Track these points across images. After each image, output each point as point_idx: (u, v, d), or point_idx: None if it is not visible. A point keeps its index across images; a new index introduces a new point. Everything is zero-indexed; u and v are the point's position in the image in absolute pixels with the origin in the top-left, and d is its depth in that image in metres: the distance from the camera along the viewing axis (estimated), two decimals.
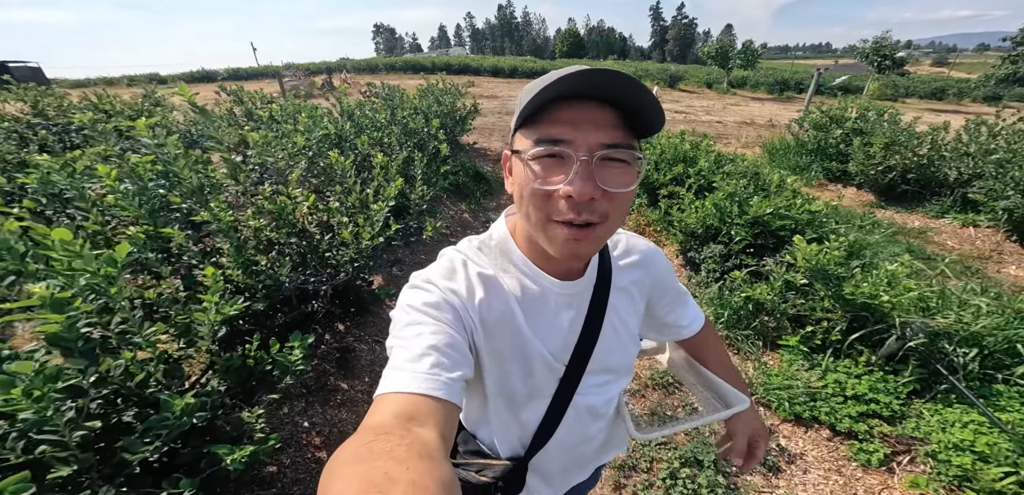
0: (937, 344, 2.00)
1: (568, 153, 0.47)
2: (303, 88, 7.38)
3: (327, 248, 2.17)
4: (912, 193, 4.88)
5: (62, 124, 3.98)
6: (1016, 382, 1.81)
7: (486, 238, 0.63)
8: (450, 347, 0.49)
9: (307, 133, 2.45)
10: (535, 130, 0.49)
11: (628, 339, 0.68)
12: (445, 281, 0.56)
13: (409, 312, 0.52)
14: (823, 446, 2.00)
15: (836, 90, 17.96)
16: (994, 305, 2.03)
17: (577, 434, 0.68)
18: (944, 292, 2.24)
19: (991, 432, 1.72)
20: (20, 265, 1.00)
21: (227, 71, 32.50)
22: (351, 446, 0.36)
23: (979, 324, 1.89)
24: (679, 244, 3.45)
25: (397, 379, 0.44)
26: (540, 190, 0.48)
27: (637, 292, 0.69)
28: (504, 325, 0.58)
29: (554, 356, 0.61)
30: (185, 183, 1.65)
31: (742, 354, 2.51)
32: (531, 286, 0.59)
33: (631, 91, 0.45)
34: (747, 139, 9.60)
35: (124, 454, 0.99)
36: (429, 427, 0.41)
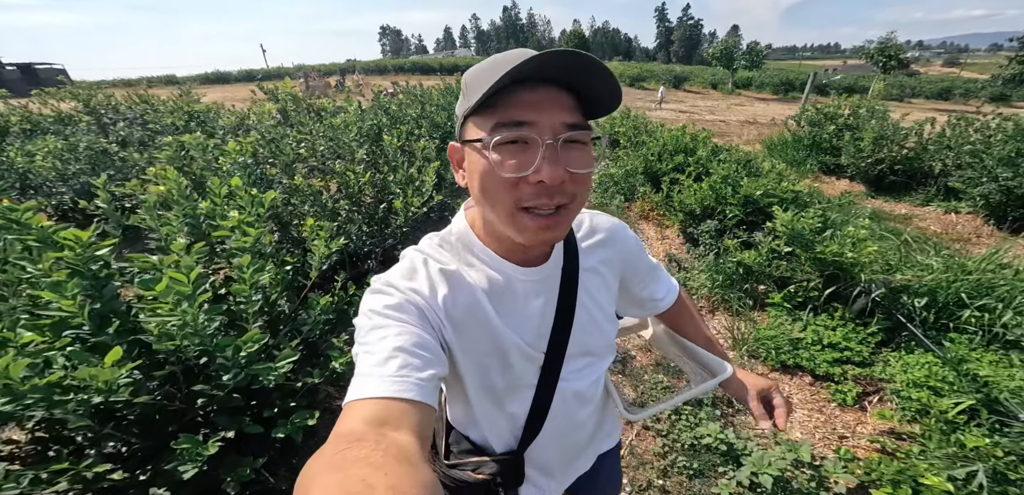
0: (898, 299, 2.38)
1: (532, 137, 0.45)
2: (317, 91, 7.87)
3: (382, 216, 2.60)
4: (900, 184, 5.24)
5: (129, 119, 4.46)
6: (963, 328, 2.18)
7: (446, 233, 0.62)
8: (418, 347, 0.47)
9: (360, 122, 2.88)
10: (492, 116, 0.47)
11: (604, 319, 0.67)
12: (406, 281, 0.54)
13: (371, 317, 0.50)
14: (806, 390, 2.38)
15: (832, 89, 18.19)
16: (943, 264, 2.40)
17: (567, 421, 0.67)
18: (906, 253, 2.62)
19: (943, 370, 2.09)
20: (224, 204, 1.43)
21: (241, 72, 33.30)
22: (324, 455, 0.35)
23: (929, 278, 2.27)
24: (680, 223, 3.86)
25: (365, 385, 0.43)
26: (506, 179, 0.46)
27: (607, 271, 0.68)
28: (473, 319, 0.56)
29: (530, 344, 0.60)
30: (282, 156, 2.08)
31: (736, 314, 2.90)
32: (496, 277, 0.58)
33: (592, 71, 0.45)
34: (748, 137, 9.95)
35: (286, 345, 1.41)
36: (403, 430, 0.39)
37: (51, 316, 1.12)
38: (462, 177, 0.55)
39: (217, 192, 1.56)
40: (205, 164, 1.92)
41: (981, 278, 2.19)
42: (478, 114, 0.48)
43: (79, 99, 5.82)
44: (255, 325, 1.32)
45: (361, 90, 5.63)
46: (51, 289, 1.06)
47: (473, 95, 0.47)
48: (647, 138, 5.52)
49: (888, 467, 1.59)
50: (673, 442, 1.99)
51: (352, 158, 2.47)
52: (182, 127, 3.66)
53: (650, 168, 4.84)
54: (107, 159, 3.46)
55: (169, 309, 1.03)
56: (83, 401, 1.04)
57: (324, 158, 2.55)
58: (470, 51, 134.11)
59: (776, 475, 1.70)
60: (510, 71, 0.42)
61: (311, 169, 2.64)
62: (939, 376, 1.97)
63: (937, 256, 2.59)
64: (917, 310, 2.24)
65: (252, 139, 2.05)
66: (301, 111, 2.98)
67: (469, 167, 0.52)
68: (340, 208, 2.46)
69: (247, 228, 1.31)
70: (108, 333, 1.16)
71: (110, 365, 0.99)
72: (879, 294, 2.34)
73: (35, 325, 1.10)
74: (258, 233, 1.31)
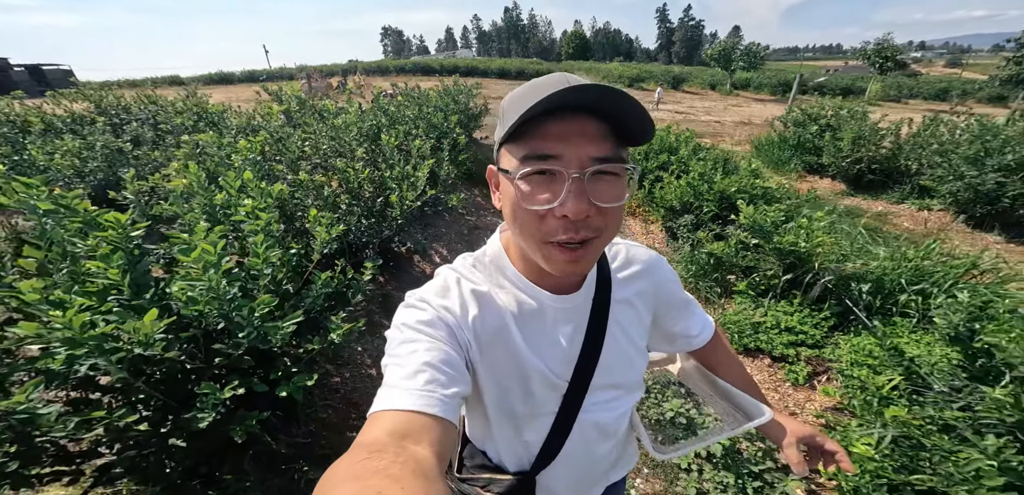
0: (848, 286, 2.59)
1: (559, 170, 0.45)
2: (319, 91, 8.14)
3: (379, 209, 2.83)
4: (877, 182, 5.45)
5: (141, 119, 4.70)
6: (904, 311, 2.39)
7: (480, 255, 0.63)
8: (445, 364, 0.48)
9: (360, 122, 3.12)
10: (522, 146, 0.47)
11: (634, 353, 0.66)
12: (439, 299, 0.56)
13: (403, 330, 0.51)
14: (765, 371, 2.60)
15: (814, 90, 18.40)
16: (889, 253, 2.61)
17: (585, 453, 0.66)
18: (861, 245, 2.84)
19: (879, 350, 2.29)
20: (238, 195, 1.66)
21: (244, 73, 33.64)
22: (344, 464, 0.35)
23: (875, 265, 2.49)
24: (661, 218, 4.08)
25: (391, 396, 0.44)
26: (532, 211, 0.47)
27: (641, 304, 0.66)
28: (500, 342, 0.57)
29: (555, 372, 0.59)
30: (288, 153, 2.31)
31: (706, 301, 3.13)
32: (527, 301, 0.58)
33: (620, 104, 0.44)
34: (740, 137, 10.16)
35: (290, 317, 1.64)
36: (424, 445, 0.40)
37: (97, 284, 1.35)
38: (498, 200, 0.55)
39: (231, 184, 1.80)
40: (219, 160, 2.15)
41: (919, 265, 2.40)
42: (511, 142, 0.49)
43: (91, 100, 6.08)
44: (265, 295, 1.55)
45: (362, 91, 5.85)
46: (101, 260, 1.29)
47: (507, 122, 0.48)
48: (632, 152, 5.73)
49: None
50: (641, 417, 2.20)
51: (352, 156, 2.71)
52: (191, 127, 3.90)
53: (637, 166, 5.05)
54: (122, 157, 3.70)
55: (199, 274, 1.26)
56: (123, 357, 1.27)
57: (326, 156, 2.79)
58: (471, 52, 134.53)
59: (726, 445, 1.90)
60: (537, 103, 0.43)
61: (314, 166, 2.88)
62: (876, 356, 2.19)
63: (885, 247, 2.80)
64: (862, 296, 2.46)
65: (261, 138, 2.28)
66: (305, 112, 3.22)
67: (503, 193, 0.53)
68: (341, 201, 2.70)
69: (259, 213, 1.54)
70: (144, 299, 1.40)
71: (149, 322, 1.22)
72: (830, 281, 2.56)
73: (85, 291, 1.33)
74: (268, 218, 1.54)
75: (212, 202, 1.80)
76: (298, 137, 2.33)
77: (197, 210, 1.71)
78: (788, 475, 1.79)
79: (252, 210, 1.54)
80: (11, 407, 1.13)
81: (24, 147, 3.78)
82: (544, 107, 0.44)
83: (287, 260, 1.90)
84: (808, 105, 7.27)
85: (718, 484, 1.78)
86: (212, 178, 2.34)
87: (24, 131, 4.36)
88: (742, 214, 2.88)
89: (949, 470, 1.27)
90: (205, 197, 1.81)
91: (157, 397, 1.45)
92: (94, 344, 1.19)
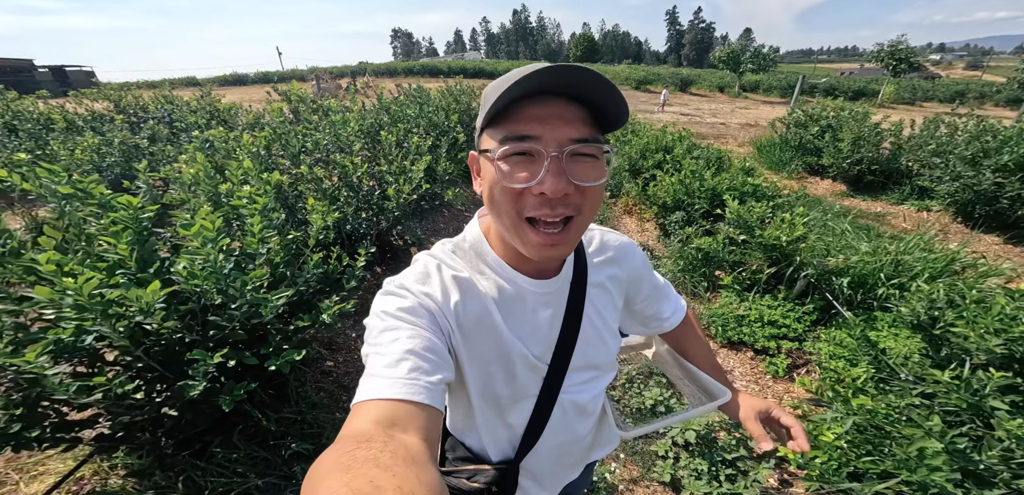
0: (831, 280, 2.64)
1: (537, 149, 0.47)
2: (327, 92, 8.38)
3: (377, 202, 2.96)
4: (877, 183, 5.43)
5: (157, 118, 4.94)
6: (883, 305, 2.43)
7: (460, 240, 0.63)
8: (429, 351, 0.48)
9: (362, 120, 3.26)
10: (502, 128, 0.48)
11: (609, 335, 0.68)
12: (419, 285, 0.55)
13: (384, 318, 0.51)
14: (747, 363, 2.65)
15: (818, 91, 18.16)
16: (871, 247, 2.64)
17: (566, 433, 0.68)
18: (846, 241, 2.87)
19: (853, 341, 2.32)
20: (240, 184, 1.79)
21: (257, 75, 34.40)
22: (331, 455, 0.35)
23: (855, 259, 2.52)
24: (654, 215, 4.14)
25: (375, 386, 0.43)
26: (510, 188, 0.48)
27: (614, 287, 0.69)
28: (482, 327, 0.58)
29: (535, 355, 0.61)
30: (289, 148, 2.45)
31: (693, 295, 3.18)
32: (507, 287, 0.59)
33: (597, 87, 0.45)
34: (745, 139, 10.12)
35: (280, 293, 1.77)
36: (412, 432, 0.40)
37: (108, 259, 1.48)
38: (479, 185, 0.56)
39: (234, 174, 1.93)
40: (226, 153, 2.30)
41: (899, 259, 2.43)
42: (491, 126, 0.50)
43: (111, 99, 6.38)
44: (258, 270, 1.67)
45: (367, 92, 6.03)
46: (112, 237, 1.43)
47: (487, 106, 0.49)
48: (632, 137, 5.81)
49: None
50: (624, 406, 2.24)
51: (351, 151, 2.84)
52: (204, 125, 4.10)
53: (634, 165, 5.13)
54: (138, 153, 3.91)
55: (198, 247, 1.38)
56: (126, 324, 1.39)
57: (327, 151, 2.92)
58: (479, 54, 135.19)
59: (700, 431, 1.96)
60: (512, 86, 0.44)
61: (316, 160, 3.02)
62: (849, 346, 2.23)
63: (869, 242, 2.83)
64: (843, 290, 2.50)
65: (265, 133, 2.42)
66: (309, 110, 3.37)
67: (483, 176, 0.54)
68: (339, 194, 2.83)
69: (257, 198, 1.67)
70: (148, 273, 1.53)
71: (150, 292, 1.34)
72: (812, 275, 2.60)
73: (95, 266, 1.47)
74: (265, 202, 1.66)
75: (217, 190, 1.94)
76: (300, 133, 2.47)
77: (203, 196, 1.84)
78: (760, 462, 1.84)
79: (250, 195, 1.67)
80: (21, 365, 1.24)
81: (47, 143, 4.00)
82: (523, 89, 0.45)
83: (284, 245, 2.03)
84: (810, 106, 7.25)
85: (693, 471, 1.83)
86: (219, 170, 2.49)
87: (47, 128, 4.61)
88: (729, 209, 2.94)
89: (900, 453, 1.33)
90: (210, 185, 1.95)
91: (154, 367, 1.56)
92: (100, 310, 1.32)
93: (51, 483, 1.67)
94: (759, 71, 29.56)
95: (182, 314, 1.57)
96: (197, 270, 1.47)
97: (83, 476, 1.72)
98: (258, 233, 1.57)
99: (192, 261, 1.44)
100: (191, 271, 1.47)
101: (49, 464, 1.78)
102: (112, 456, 1.75)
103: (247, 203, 1.68)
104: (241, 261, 1.67)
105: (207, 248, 1.38)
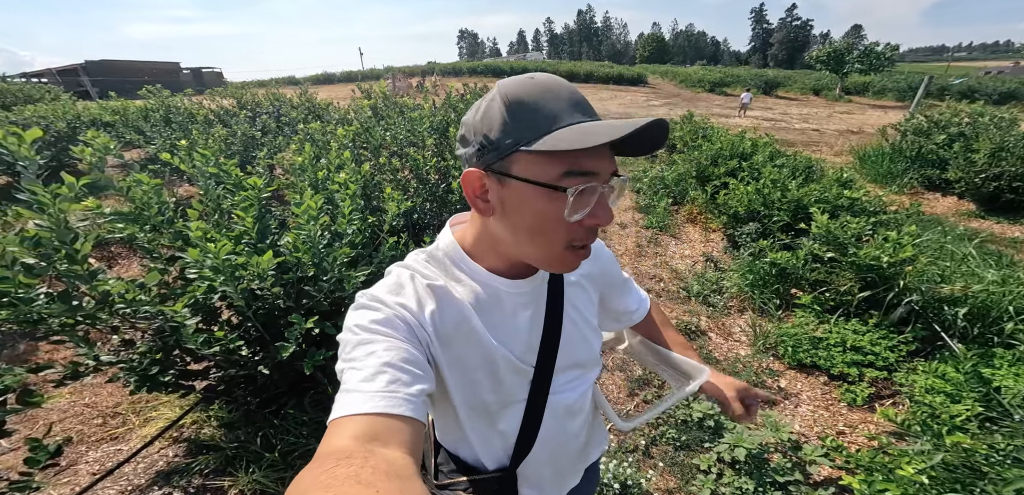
0: (941, 310, 2.26)
1: (595, 186, 0.48)
2: (400, 91, 9.04)
3: (442, 194, 3.18)
4: (1020, 203, 4.45)
5: (269, 112, 5.80)
6: (1008, 342, 2.02)
7: (433, 250, 0.62)
8: (406, 362, 0.47)
9: (433, 117, 3.53)
10: (560, 161, 0.47)
11: (590, 332, 0.69)
12: (393, 296, 0.54)
13: (358, 332, 0.49)
14: (818, 388, 2.38)
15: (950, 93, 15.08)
16: (1000, 277, 2.20)
17: (559, 434, 0.68)
18: (968, 268, 2.42)
19: (958, 375, 1.95)
20: (335, 171, 2.07)
21: (342, 74, 38.18)
22: (310, 474, 0.34)
23: (978, 288, 2.12)
24: (723, 225, 3.87)
25: (352, 401, 0.42)
26: (571, 222, 0.49)
27: (589, 284, 0.71)
28: (461, 334, 0.57)
29: (519, 358, 0.60)
30: (372, 141, 2.75)
31: (761, 312, 2.93)
32: (482, 291, 0.58)
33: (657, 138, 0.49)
34: (842, 147, 8.90)
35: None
36: (393, 446, 0.39)
37: (236, 230, 1.82)
38: (486, 208, 0.53)
39: (332, 162, 2.23)
40: (323, 144, 2.65)
41: None
42: (537, 153, 0.47)
43: (235, 97, 7.59)
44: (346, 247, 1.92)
45: (437, 90, 6.43)
46: (242, 211, 1.75)
47: (528, 133, 0.47)
48: (703, 142, 5.45)
49: (866, 456, 1.65)
50: (668, 417, 2.14)
51: (423, 145, 3.09)
52: (302, 119, 4.72)
53: (703, 172, 4.82)
54: (254, 143, 4.63)
55: (304, 222, 1.63)
56: (244, 287, 1.68)
57: (402, 145, 3.21)
58: (541, 54, 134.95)
59: (751, 449, 1.81)
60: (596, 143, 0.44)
61: (392, 153, 3.33)
62: (951, 380, 1.91)
63: (996, 270, 2.36)
64: (957, 321, 2.13)
65: (354, 127, 2.75)
66: (389, 107, 3.73)
67: (513, 203, 0.50)
68: (410, 185, 3.10)
69: (350, 184, 1.92)
70: (265, 243, 1.84)
71: (266, 260, 1.62)
72: (917, 302, 2.26)
73: (227, 236, 1.80)
74: (355, 189, 1.91)
75: (316, 176, 2.26)
76: (381, 128, 2.76)
77: (306, 181, 2.16)
78: (816, 490, 1.68)
79: (345, 181, 1.93)
80: (170, 313, 1.56)
81: (190, 133, 4.90)
82: (598, 141, 0.44)
83: (364, 227, 2.30)
84: (937, 110, 6.16)
85: (737, 489, 1.72)
86: (316, 158, 2.88)
87: (191, 120, 5.64)
88: (815, 224, 2.66)
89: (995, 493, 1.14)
90: (312, 171, 2.27)
91: (257, 328, 1.84)
92: (230, 272, 1.62)
93: (162, 426, 2.00)
94: (869, 71, 25.61)
95: (285, 282, 1.87)
96: (300, 243, 1.74)
97: (184, 424, 2.04)
98: (348, 215, 1.80)
99: (297, 235, 1.70)
100: (295, 244, 1.74)
101: (160, 409, 2.13)
102: (208, 409, 2.07)
103: (341, 188, 1.94)
104: (332, 240, 1.94)
105: (310, 224, 1.63)
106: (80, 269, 1.35)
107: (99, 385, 2.37)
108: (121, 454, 1.91)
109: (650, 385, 2.41)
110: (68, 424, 2.12)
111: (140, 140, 5.42)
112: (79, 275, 1.36)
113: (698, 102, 20.63)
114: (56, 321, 1.37)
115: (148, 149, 5.49)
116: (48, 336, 1.41)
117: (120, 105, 7.28)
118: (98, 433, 2.07)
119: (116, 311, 1.51)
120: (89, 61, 29.05)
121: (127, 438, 2.04)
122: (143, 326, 1.72)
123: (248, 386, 1.98)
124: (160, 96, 6.73)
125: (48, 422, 2.11)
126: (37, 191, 1.22)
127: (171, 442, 1.98)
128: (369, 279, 2.10)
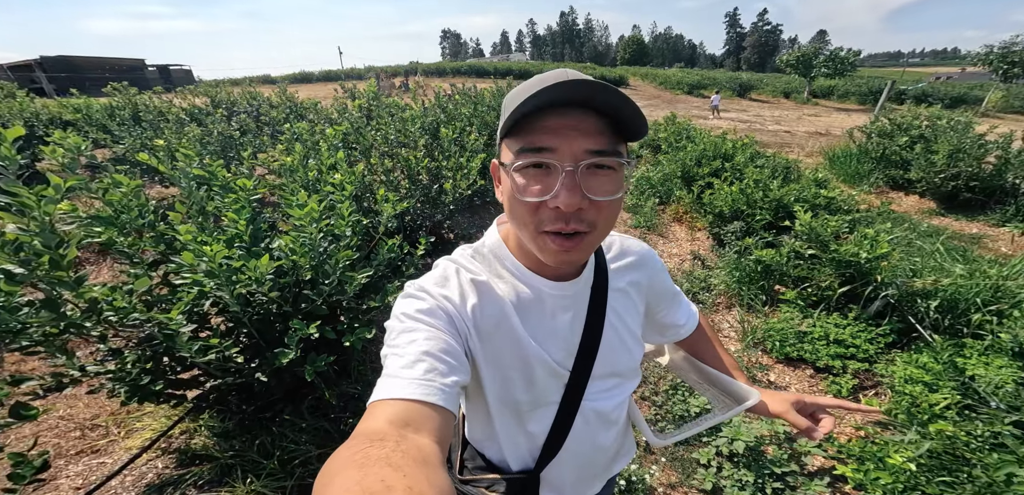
0: (914, 303, 2.42)
1: (553, 163, 0.46)
2: (384, 91, 8.92)
3: (434, 195, 3.16)
4: (975, 201, 4.80)
5: (247, 112, 5.60)
6: (976, 333, 2.19)
7: (479, 245, 0.63)
8: (445, 353, 0.48)
9: (424, 117, 3.50)
10: (519, 140, 0.48)
11: (632, 341, 0.67)
12: (438, 288, 0.56)
13: (403, 320, 0.52)
14: (805, 381, 2.50)
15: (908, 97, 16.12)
16: (967, 270, 2.37)
17: (588, 442, 0.66)
18: (936, 262, 2.60)
19: (937, 365, 2.09)
20: (327, 172, 2.03)
21: (321, 73, 37.23)
22: (345, 453, 0.35)
23: (948, 282, 2.28)
24: (708, 224, 4.00)
25: (391, 386, 0.44)
26: (527, 202, 0.48)
27: (635, 293, 0.68)
28: (500, 331, 0.57)
29: (556, 361, 0.60)
30: (363, 142, 2.70)
31: (748, 309, 3.05)
32: (525, 290, 0.59)
33: (613, 101, 0.45)
34: (813, 148, 9.35)
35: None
36: (425, 433, 0.40)
37: (228, 233, 1.75)
38: (500, 193, 0.56)
39: (325, 162, 2.18)
40: (312, 144, 2.59)
41: (999, 284, 2.18)
42: (510, 136, 0.50)
43: (208, 95, 7.28)
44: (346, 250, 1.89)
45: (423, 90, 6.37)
46: (234, 214, 1.69)
47: (506, 117, 0.48)
48: (687, 143, 5.61)
49: (857, 446, 1.75)
50: (666, 413, 2.21)
51: (415, 146, 3.06)
52: (283, 119, 4.58)
53: (688, 172, 4.97)
54: (232, 143, 4.46)
55: (305, 225, 1.59)
56: (239, 292, 1.62)
57: (393, 146, 3.17)
58: (525, 56, 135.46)
59: (749, 442, 1.88)
60: (529, 99, 0.44)
61: (383, 154, 3.29)
62: (930, 369, 2.05)
63: (963, 264, 2.54)
64: (929, 313, 2.28)
65: (344, 127, 2.69)
66: (380, 108, 3.67)
67: (503, 185, 0.54)
68: (402, 186, 3.06)
69: (346, 185, 1.88)
70: (259, 247, 1.78)
71: (263, 264, 1.57)
72: (893, 296, 2.40)
73: (218, 239, 1.74)
74: (351, 190, 1.88)
75: (308, 176, 2.21)
76: (372, 128, 2.72)
77: (297, 182, 2.10)
78: (812, 480, 1.76)
79: (340, 182, 1.89)
80: (164, 321, 1.49)
81: (162, 132, 4.67)
82: (537, 103, 0.45)
83: (359, 230, 2.26)
84: (898, 114, 6.55)
85: (737, 481, 1.78)
86: (306, 158, 2.80)
87: (163, 119, 5.38)
88: (799, 222, 2.79)
89: (985, 478, 1.23)
90: (303, 172, 2.22)
91: (253, 334, 1.79)
92: (225, 277, 1.56)
93: (147, 437, 1.90)
94: (834, 75, 26.96)
95: (281, 287, 1.81)
96: (298, 247, 1.69)
97: (173, 435, 1.95)
98: (347, 217, 1.77)
99: (295, 238, 1.66)
100: (293, 247, 1.70)
101: (145, 420, 2.03)
102: (198, 418, 1.98)
103: (336, 190, 1.91)
104: (330, 243, 1.90)
105: (311, 228, 1.59)
106: (65, 275, 1.28)
107: (76, 396, 2.23)
108: (104, 467, 1.81)
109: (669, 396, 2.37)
110: (43, 438, 1.99)
111: (107, 139, 5.14)
112: (64, 282, 1.29)
113: (677, 104, 21.22)
114: (37, 331, 1.29)
115: (115, 149, 5.21)
116: (25, 348, 1.32)
117: (82, 103, 6.87)
118: (77, 446, 1.95)
119: (104, 319, 1.43)
120: (45, 57, 27.21)
121: (110, 451, 1.93)
122: (130, 334, 1.63)
123: (242, 394, 1.92)
124: (127, 94, 6.39)
125: (23, 436, 1.97)
126: (21, 193, 1.15)
127: (160, 453, 1.89)
128: (369, 282, 2.07)
